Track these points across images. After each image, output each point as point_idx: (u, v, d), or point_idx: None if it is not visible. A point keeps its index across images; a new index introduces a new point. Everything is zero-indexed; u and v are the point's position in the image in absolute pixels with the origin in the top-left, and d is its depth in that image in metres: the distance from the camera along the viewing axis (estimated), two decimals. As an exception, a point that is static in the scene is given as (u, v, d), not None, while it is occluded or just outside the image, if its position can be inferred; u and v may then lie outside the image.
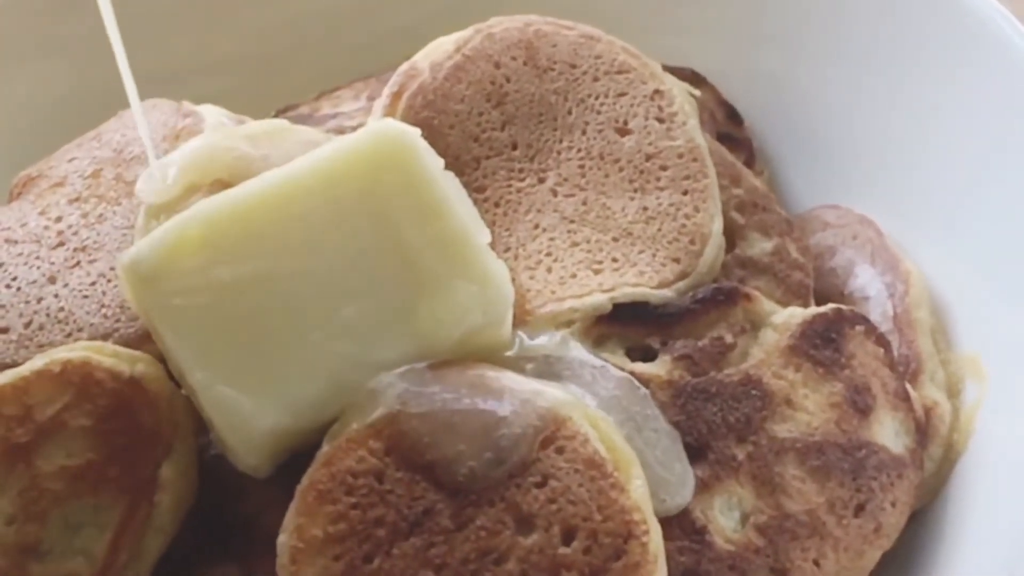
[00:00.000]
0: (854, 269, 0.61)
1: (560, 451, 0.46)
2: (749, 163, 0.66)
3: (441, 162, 0.49)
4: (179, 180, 0.51)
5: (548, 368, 0.50)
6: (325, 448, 0.46)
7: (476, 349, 0.49)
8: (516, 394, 0.47)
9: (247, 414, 0.46)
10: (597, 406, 0.49)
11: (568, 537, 0.45)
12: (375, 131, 0.49)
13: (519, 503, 0.45)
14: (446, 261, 0.48)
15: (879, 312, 0.58)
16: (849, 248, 0.61)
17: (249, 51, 0.74)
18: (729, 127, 0.67)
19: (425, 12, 0.72)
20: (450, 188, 0.49)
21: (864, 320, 0.55)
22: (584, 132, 0.57)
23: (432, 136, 0.55)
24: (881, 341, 0.54)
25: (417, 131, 0.49)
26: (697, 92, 0.64)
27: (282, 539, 0.45)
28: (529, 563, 0.44)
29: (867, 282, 0.60)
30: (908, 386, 0.55)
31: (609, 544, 0.45)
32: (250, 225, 0.47)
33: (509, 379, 0.48)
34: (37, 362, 0.48)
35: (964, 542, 0.53)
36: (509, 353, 0.50)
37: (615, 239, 0.54)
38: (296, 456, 0.47)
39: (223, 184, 0.52)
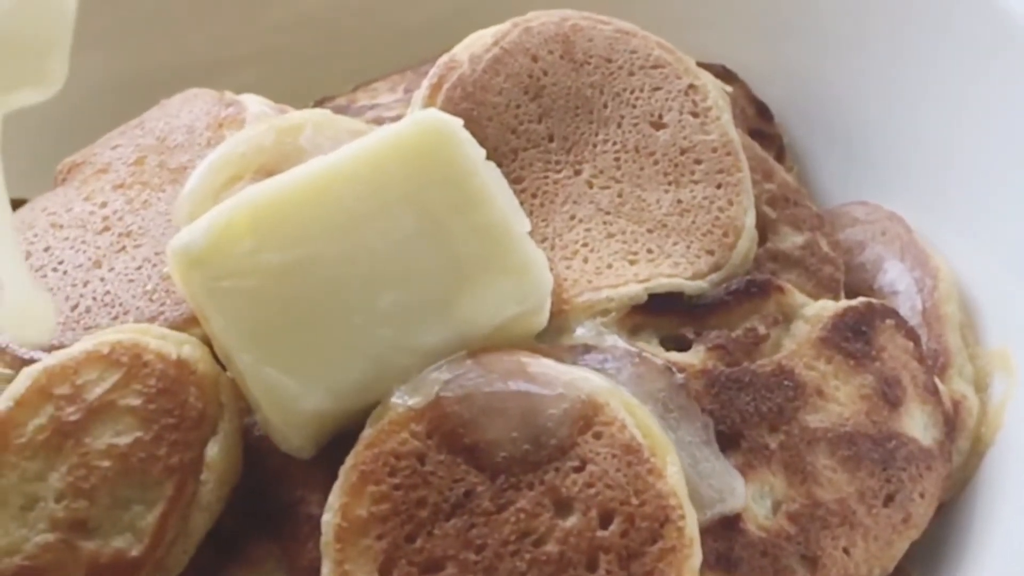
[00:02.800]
0: (883, 264, 0.61)
1: (598, 436, 0.47)
2: (779, 159, 0.67)
3: (483, 152, 0.50)
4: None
5: (585, 356, 0.51)
6: (368, 430, 0.47)
7: (515, 336, 0.50)
8: (554, 380, 0.48)
9: (292, 396, 0.47)
10: (632, 394, 0.50)
11: (606, 521, 0.46)
12: (418, 120, 0.49)
13: (558, 486, 0.46)
14: (486, 249, 0.49)
15: (908, 307, 0.59)
16: (878, 243, 0.62)
17: (285, 43, 0.75)
18: (759, 123, 0.68)
19: (459, 5, 0.72)
20: (491, 178, 0.50)
21: (894, 314, 0.55)
22: (620, 125, 0.58)
23: (470, 127, 0.55)
24: (911, 335, 0.55)
25: (459, 121, 0.50)
26: (728, 88, 0.65)
27: (327, 518, 0.46)
28: (567, 545, 0.45)
29: (896, 277, 0.61)
30: (937, 380, 0.55)
31: (646, 528, 0.46)
32: (296, 211, 0.48)
33: (547, 366, 0.49)
34: (87, 343, 0.49)
35: (991, 533, 0.54)
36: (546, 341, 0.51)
37: (650, 231, 0.55)
38: (338, 438, 0.48)
39: (267, 172, 0.53)
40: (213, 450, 0.48)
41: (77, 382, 0.48)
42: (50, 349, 0.51)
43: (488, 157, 0.54)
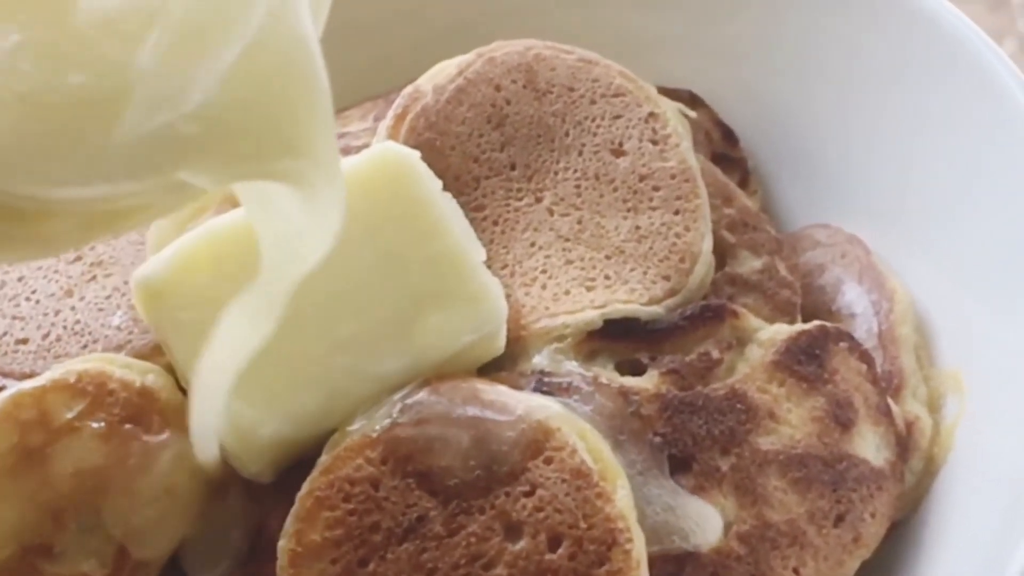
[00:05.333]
0: (842, 287, 0.63)
1: (548, 461, 0.48)
2: (744, 182, 0.68)
3: (439, 184, 0.52)
4: None
5: (541, 382, 0.52)
6: (324, 457, 0.48)
7: (471, 362, 0.52)
8: (508, 406, 0.49)
9: (250, 424, 0.48)
10: (587, 419, 0.51)
11: (554, 544, 0.47)
12: (375, 154, 0.51)
13: (508, 511, 0.47)
14: (442, 279, 0.50)
15: (865, 329, 0.60)
16: (838, 266, 0.63)
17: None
18: (725, 147, 0.69)
19: (432, 32, 0.74)
20: (448, 209, 0.51)
21: (848, 337, 0.57)
22: (580, 153, 0.59)
23: (434, 157, 0.57)
24: (864, 357, 0.56)
25: (416, 154, 0.52)
26: (693, 113, 0.66)
27: (282, 543, 0.47)
28: (517, 568, 0.47)
29: (854, 299, 0.62)
30: (890, 401, 0.57)
31: (593, 551, 0.47)
32: (256, 244, 0.49)
33: (502, 392, 0.50)
34: (54, 372, 0.51)
35: (942, 552, 0.55)
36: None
37: (608, 257, 0.57)
38: (298, 464, 0.50)
39: (234, 203, 0.54)
40: (176, 475, 0.50)
41: (44, 409, 0.50)
42: (21, 377, 0.53)
43: (450, 185, 0.56)
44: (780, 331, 0.56)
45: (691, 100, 0.69)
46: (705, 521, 0.51)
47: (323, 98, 0.40)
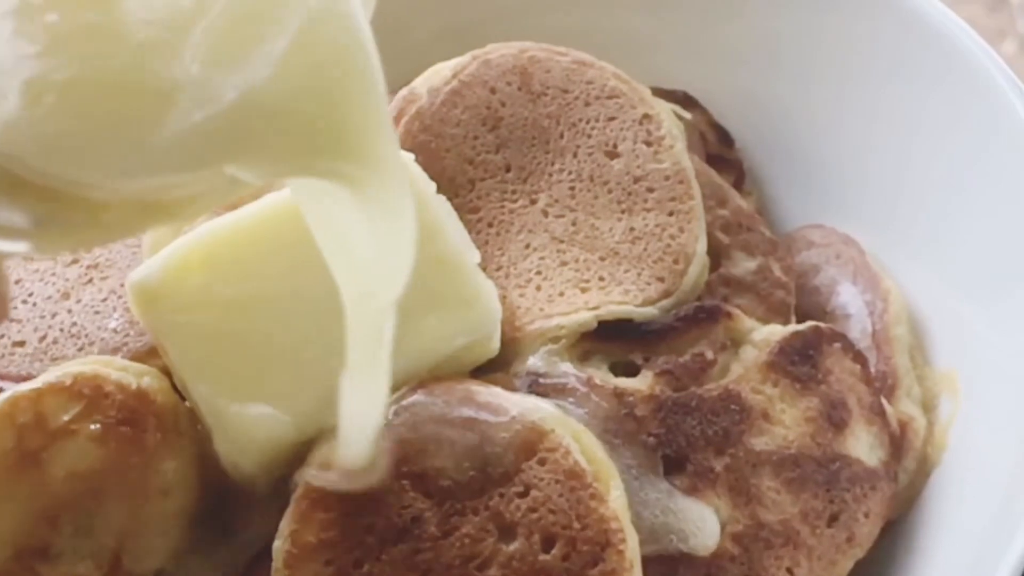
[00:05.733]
0: (836, 287, 0.63)
1: (542, 462, 0.48)
2: (739, 184, 0.68)
3: (433, 186, 0.52)
4: None
5: (535, 383, 0.53)
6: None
7: (466, 364, 0.52)
8: (502, 408, 0.49)
9: (245, 426, 0.48)
10: (581, 419, 0.51)
11: (548, 544, 0.47)
12: (370, 157, 0.51)
13: (502, 512, 0.48)
14: (436, 281, 0.50)
15: (859, 329, 0.61)
16: (832, 267, 0.64)
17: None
18: (720, 148, 0.70)
19: (427, 34, 0.74)
20: (441, 211, 0.52)
21: (842, 337, 0.57)
22: (575, 155, 0.59)
23: (429, 159, 0.58)
24: (858, 358, 0.57)
25: (410, 156, 0.52)
26: (688, 115, 0.66)
27: (277, 544, 0.47)
28: (511, 569, 0.47)
29: (848, 300, 0.62)
30: (884, 401, 0.57)
31: (587, 552, 0.47)
32: (250, 246, 0.49)
33: (496, 394, 0.50)
34: (50, 375, 0.51)
35: (936, 551, 0.55)
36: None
37: (602, 258, 0.57)
38: (294, 465, 0.50)
39: (230, 206, 0.54)
40: (171, 478, 0.50)
41: (40, 412, 0.50)
42: (18, 380, 0.53)
43: (445, 187, 0.56)
44: (774, 332, 0.56)
45: (686, 101, 0.69)
46: (704, 524, 0.51)
47: (377, 91, 0.38)
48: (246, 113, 0.35)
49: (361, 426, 0.43)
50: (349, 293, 0.41)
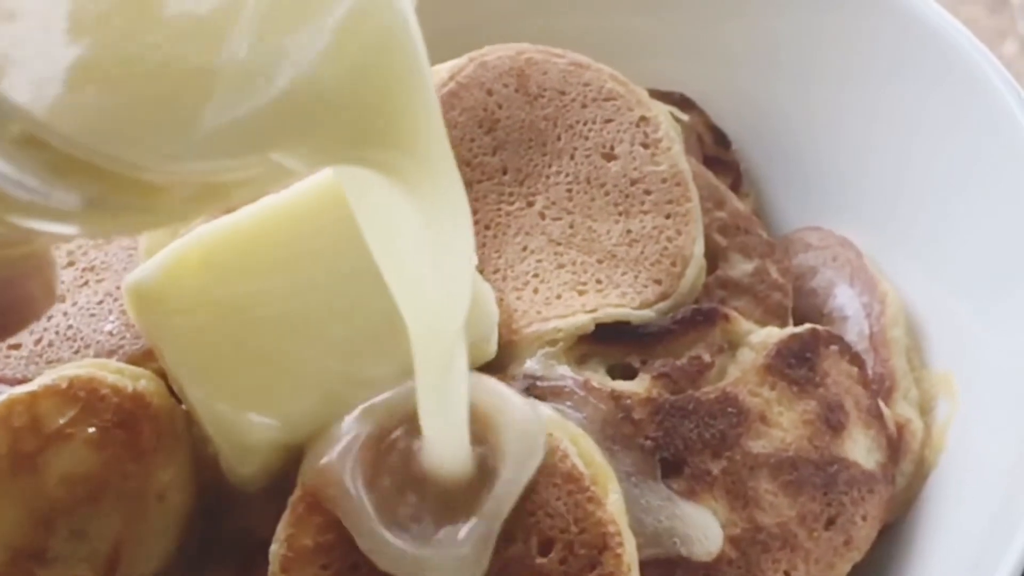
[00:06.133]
0: (833, 290, 0.63)
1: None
2: (736, 186, 0.68)
3: (430, 189, 0.52)
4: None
5: (532, 386, 0.53)
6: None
7: (462, 367, 0.52)
8: (499, 411, 0.49)
9: (242, 429, 0.48)
10: (578, 423, 0.51)
11: (545, 548, 0.47)
12: (367, 159, 0.51)
13: (499, 515, 0.48)
14: (433, 283, 0.50)
15: (856, 331, 0.60)
16: (829, 269, 0.63)
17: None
18: (717, 150, 0.69)
19: (424, 36, 0.74)
20: (438, 213, 0.51)
21: (839, 340, 0.57)
22: (572, 157, 0.59)
23: (426, 162, 0.57)
24: (855, 360, 0.56)
25: (407, 159, 0.52)
26: (685, 117, 0.66)
27: (274, 548, 0.47)
28: (508, 572, 0.47)
29: (846, 302, 0.62)
30: (881, 403, 0.57)
31: (584, 555, 0.47)
32: (246, 248, 0.49)
33: (493, 396, 0.50)
34: (46, 378, 0.51)
35: (933, 554, 0.55)
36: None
37: (599, 261, 0.57)
38: (291, 468, 0.50)
39: (226, 208, 0.54)
40: (167, 481, 0.50)
41: (36, 415, 0.50)
42: (13, 382, 0.53)
43: (442, 190, 0.56)
44: (771, 334, 0.56)
45: (683, 103, 0.69)
46: (709, 530, 0.51)
47: (425, 80, 0.37)
48: (292, 99, 0.35)
49: (447, 456, 0.45)
50: (413, 321, 0.42)
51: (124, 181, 0.32)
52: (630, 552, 0.48)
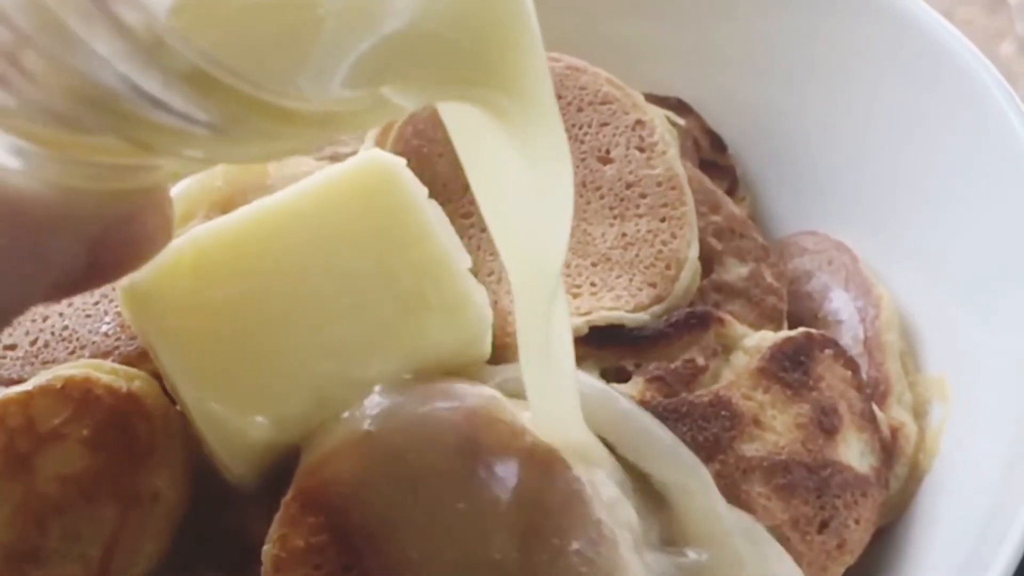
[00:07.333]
0: (828, 293, 0.63)
1: (533, 468, 0.48)
2: (732, 189, 0.68)
3: (425, 191, 0.52)
4: None
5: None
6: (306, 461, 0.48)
7: (456, 368, 0.52)
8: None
9: (235, 429, 0.48)
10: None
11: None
12: (361, 161, 0.51)
13: (492, 516, 0.48)
14: (427, 285, 0.50)
15: (851, 335, 0.61)
16: (824, 273, 0.64)
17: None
18: (713, 154, 0.70)
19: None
20: (432, 216, 0.51)
21: (833, 343, 0.57)
22: (568, 160, 0.59)
23: (422, 164, 0.57)
24: (849, 364, 0.57)
25: (402, 161, 0.52)
26: (681, 121, 0.66)
27: (266, 548, 0.47)
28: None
29: (840, 306, 0.62)
30: (875, 407, 0.57)
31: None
32: (240, 250, 0.49)
33: (486, 398, 0.50)
34: (41, 378, 0.51)
35: (926, 558, 0.55)
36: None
37: (594, 264, 0.57)
38: (284, 469, 0.50)
39: (223, 209, 0.55)
40: (161, 481, 0.50)
41: (31, 415, 0.50)
42: (8, 383, 0.53)
43: (438, 192, 0.56)
44: (765, 338, 0.56)
45: (679, 107, 0.69)
46: None
47: (531, 24, 0.39)
48: (408, 35, 0.36)
49: (555, 415, 0.46)
50: (514, 265, 0.44)
51: (263, 105, 0.33)
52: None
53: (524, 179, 0.42)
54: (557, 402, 0.47)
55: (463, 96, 0.39)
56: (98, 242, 0.36)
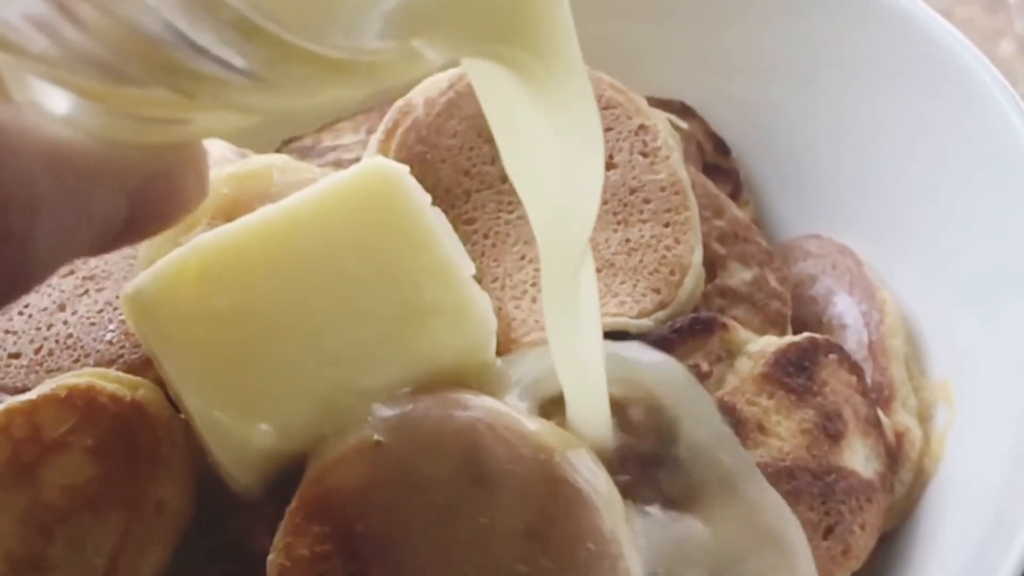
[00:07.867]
0: (833, 298, 0.63)
1: (537, 474, 0.48)
2: (736, 193, 0.68)
3: (428, 198, 0.52)
4: None
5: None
6: (312, 470, 0.48)
7: (461, 375, 0.52)
8: (497, 419, 0.49)
9: (240, 438, 0.48)
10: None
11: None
12: (364, 168, 0.51)
13: (496, 524, 0.48)
14: (431, 292, 0.50)
15: (855, 340, 0.60)
16: (829, 277, 0.64)
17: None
18: (717, 158, 0.70)
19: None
20: (436, 223, 0.51)
21: (838, 348, 0.57)
22: (571, 166, 0.59)
23: (425, 170, 0.58)
24: (854, 369, 0.56)
25: (405, 168, 0.52)
26: (685, 125, 0.66)
27: (271, 557, 0.47)
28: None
29: (844, 310, 0.62)
30: (880, 412, 0.57)
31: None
32: (245, 257, 0.49)
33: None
34: (45, 387, 0.51)
35: (931, 563, 0.55)
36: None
37: (598, 270, 0.57)
38: (289, 478, 0.50)
39: (227, 217, 0.55)
40: (166, 490, 0.50)
41: (35, 424, 0.50)
42: (13, 392, 0.53)
43: (441, 199, 0.56)
44: (770, 343, 0.56)
45: (683, 111, 0.69)
46: None
47: None
48: None
49: (586, 391, 0.47)
50: (542, 228, 0.45)
51: (303, 54, 0.33)
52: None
53: (552, 145, 0.42)
54: (583, 371, 0.48)
55: (490, 54, 0.40)
56: (138, 195, 0.36)
